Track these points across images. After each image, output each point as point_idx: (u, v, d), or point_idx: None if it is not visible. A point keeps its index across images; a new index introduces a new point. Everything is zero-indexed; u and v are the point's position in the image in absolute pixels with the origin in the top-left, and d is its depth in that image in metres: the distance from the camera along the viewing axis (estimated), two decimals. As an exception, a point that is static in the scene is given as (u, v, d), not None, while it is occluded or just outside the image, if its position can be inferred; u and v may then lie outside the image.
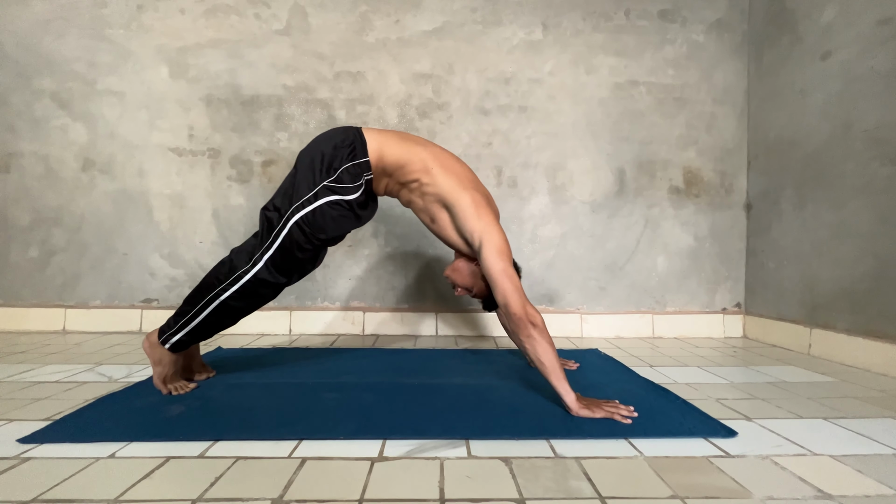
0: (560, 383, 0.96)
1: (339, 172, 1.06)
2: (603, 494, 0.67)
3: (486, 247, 1.04)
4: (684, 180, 1.95)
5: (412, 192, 1.15)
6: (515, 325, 0.99)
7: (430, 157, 1.12)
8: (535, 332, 0.97)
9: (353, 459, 0.77)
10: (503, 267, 1.02)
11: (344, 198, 1.07)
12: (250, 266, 1.07)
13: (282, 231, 1.06)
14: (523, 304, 0.99)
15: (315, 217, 1.05)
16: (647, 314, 1.93)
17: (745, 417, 0.99)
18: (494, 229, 1.07)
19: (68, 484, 0.68)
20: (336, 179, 1.06)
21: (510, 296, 0.99)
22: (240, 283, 1.06)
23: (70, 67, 1.84)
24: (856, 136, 1.46)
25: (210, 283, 1.08)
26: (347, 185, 1.07)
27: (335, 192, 1.06)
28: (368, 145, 1.09)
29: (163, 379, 1.08)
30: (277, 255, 1.06)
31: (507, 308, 0.99)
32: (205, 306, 1.07)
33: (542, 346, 0.96)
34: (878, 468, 0.76)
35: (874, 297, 1.40)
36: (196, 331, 1.08)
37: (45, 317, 1.82)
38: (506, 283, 1.00)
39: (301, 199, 1.05)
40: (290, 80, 1.88)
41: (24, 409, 0.98)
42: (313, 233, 1.06)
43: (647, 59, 1.93)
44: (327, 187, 1.06)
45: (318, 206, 1.05)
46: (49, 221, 1.84)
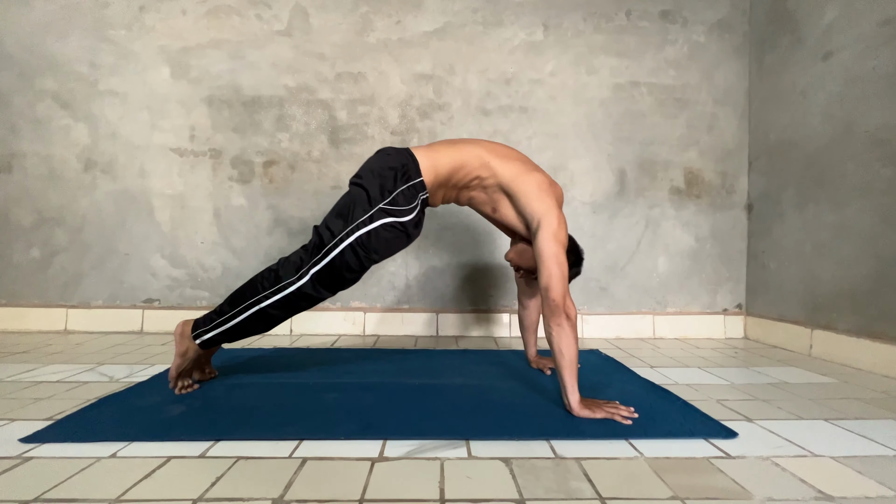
0: (571, 380, 0.96)
1: (394, 195, 1.07)
2: (603, 495, 0.67)
3: (543, 228, 1.05)
4: (685, 181, 1.95)
5: (473, 189, 1.16)
6: (550, 311, 0.98)
7: (484, 152, 1.13)
8: (566, 324, 0.97)
9: (354, 460, 0.77)
10: (556, 251, 1.02)
11: (399, 220, 1.07)
12: (296, 279, 1.07)
13: (333, 250, 1.06)
14: (564, 294, 0.99)
15: (370, 239, 1.06)
16: (647, 315, 1.93)
17: (745, 418, 0.98)
18: (555, 213, 1.06)
19: (70, 483, 0.68)
20: (391, 202, 1.07)
21: (555, 281, 0.99)
22: (282, 294, 1.07)
23: (72, 68, 1.84)
24: (857, 136, 1.46)
25: (254, 288, 1.08)
26: (403, 206, 1.07)
27: (391, 215, 1.07)
28: (421, 165, 1.10)
29: (179, 371, 1.09)
30: (325, 273, 1.07)
31: (548, 292, 0.99)
32: (244, 310, 1.07)
33: (568, 340, 0.97)
34: (879, 469, 0.76)
35: (875, 298, 1.39)
36: (229, 332, 1.09)
37: (46, 317, 1.83)
38: (553, 268, 1.00)
39: (356, 222, 1.06)
40: (291, 81, 1.88)
41: (26, 409, 0.98)
42: (367, 254, 1.07)
43: (648, 60, 1.93)
44: (383, 209, 1.06)
45: (374, 229, 1.05)
46: (51, 221, 1.85)
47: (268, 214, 1.88)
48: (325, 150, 1.89)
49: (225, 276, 1.87)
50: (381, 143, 1.90)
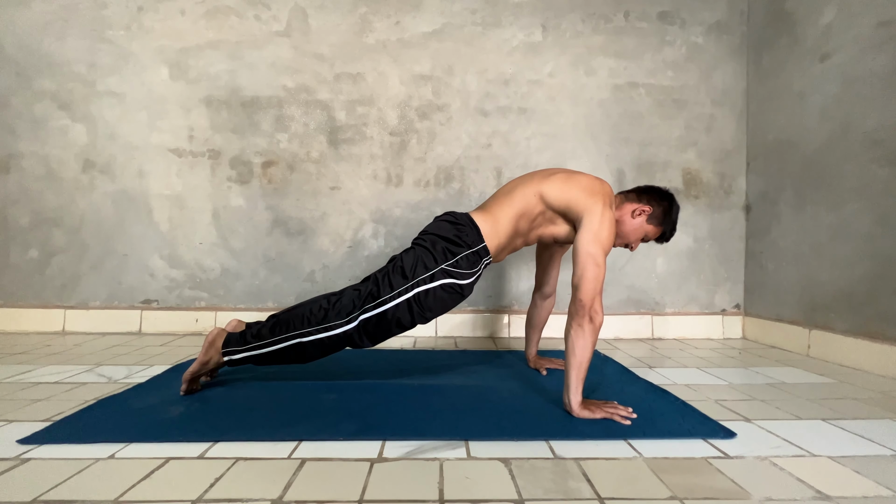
0: (577, 381, 0.96)
1: (457, 258, 1.08)
2: (602, 495, 0.67)
3: (584, 227, 1.04)
4: (683, 181, 1.95)
5: (538, 227, 1.16)
6: (576, 310, 0.98)
7: (532, 185, 1.13)
8: (588, 327, 0.97)
9: (353, 460, 0.77)
10: (594, 251, 1.00)
11: (458, 282, 1.08)
12: (345, 322, 1.06)
13: (389, 301, 1.05)
14: (594, 296, 0.98)
15: (427, 297, 1.06)
16: (646, 315, 1.93)
17: (744, 419, 0.99)
18: (598, 211, 1.05)
19: (68, 485, 0.68)
20: (454, 264, 1.08)
21: (587, 281, 0.98)
22: (326, 335, 1.06)
23: (70, 68, 1.84)
24: (855, 137, 1.46)
25: (299, 321, 1.06)
26: (464, 270, 1.08)
27: (451, 276, 1.07)
28: (482, 229, 1.11)
29: (195, 376, 1.08)
30: (374, 322, 1.06)
31: (577, 291, 0.98)
32: (283, 340, 1.06)
33: (586, 342, 0.96)
34: (876, 469, 0.76)
35: (873, 299, 1.40)
36: (260, 357, 1.08)
37: (44, 317, 1.82)
38: (590, 267, 0.99)
39: (418, 278, 1.06)
40: (290, 82, 1.88)
41: (24, 410, 0.98)
42: (421, 311, 1.07)
43: (646, 61, 1.94)
44: (445, 270, 1.07)
45: (433, 287, 1.06)
46: (49, 222, 1.84)
47: (266, 215, 1.88)
48: (323, 150, 1.89)
49: (223, 276, 1.87)
50: (381, 143, 1.90)
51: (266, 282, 1.88)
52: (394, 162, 1.90)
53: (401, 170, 1.90)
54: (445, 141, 1.91)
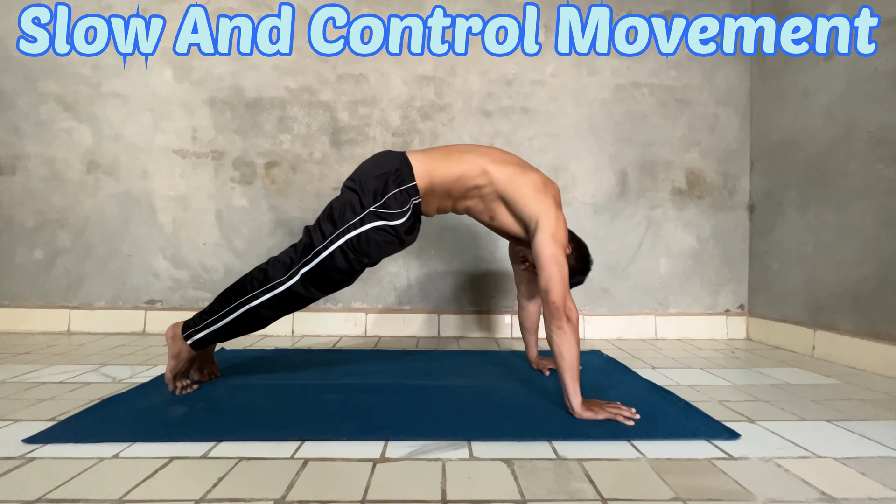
0: (573, 383, 0.96)
1: (386, 198, 1.07)
2: (605, 496, 0.67)
3: (541, 229, 1.04)
4: (687, 182, 1.95)
5: (470, 198, 1.15)
6: (550, 314, 0.97)
7: (483, 160, 1.12)
8: (567, 326, 0.96)
9: (356, 460, 0.77)
10: (554, 252, 1.01)
11: (390, 223, 1.07)
12: (286, 279, 1.07)
13: (324, 251, 1.06)
14: (565, 295, 0.97)
15: (360, 242, 1.06)
16: (649, 316, 1.93)
17: (748, 419, 0.98)
18: (552, 213, 1.05)
19: (72, 484, 0.68)
20: (383, 205, 1.06)
21: (555, 282, 0.98)
22: (272, 294, 1.07)
23: (75, 70, 1.85)
24: (859, 137, 1.45)
25: (243, 287, 1.08)
26: (394, 210, 1.07)
27: (382, 218, 1.06)
28: (415, 169, 1.10)
29: (174, 373, 1.09)
30: (314, 273, 1.07)
31: (548, 294, 0.98)
32: (234, 309, 1.08)
33: (569, 342, 0.96)
34: (882, 471, 0.76)
35: (878, 299, 1.39)
36: (220, 332, 1.09)
37: (49, 318, 1.83)
38: (553, 269, 0.99)
39: (347, 224, 1.06)
40: (292, 83, 1.89)
41: (29, 410, 0.98)
42: (357, 257, 1.07)
43: (649, 61, 1.93)
44: (374, 213, 1.06)
45: (364, 231, 1.06)
46: (54, 223, 1.86)
47: (269, 216, 1.89)
48: (326, 151, 1.89)
49: (227, 277, 1.87)
50: (383, 144, 1.90)
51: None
52: (396, 162, 1.90)
53: (403, 170, 1.90)
54: (448, 141, 1.91)
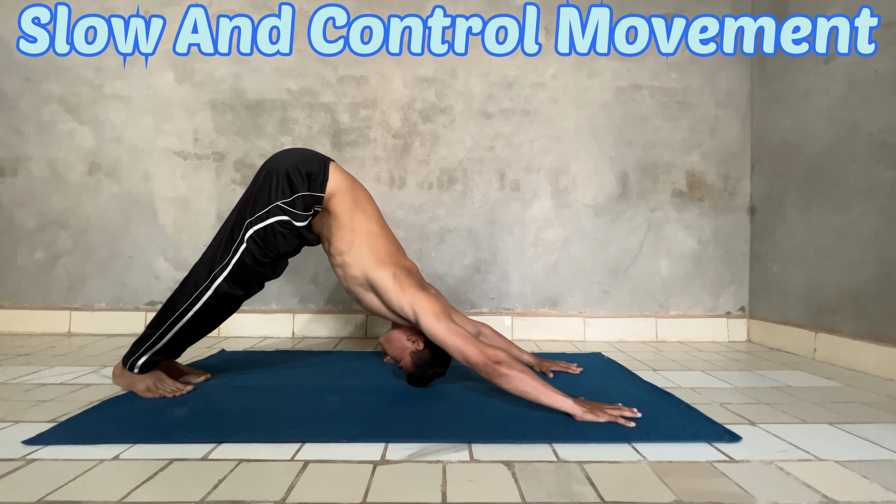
0: (552, 399, 0.95)
1: (294, 197, 1.08)
2: (606, 499, 0.67)
3: (421, 316, 1.04)
4: (687, 184, 1.95)
5: (336, 266, 1.16)
6: (484, 374, 0.98)
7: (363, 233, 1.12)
8: (504, 369, 0.96)
9: (356, 462, 0.77)
10: (446, 326, 1.02)
11: (293, 221, 1.09)
12: (210, 282, 1.07)
13: (240, 246, 1.07)
14: (481, 351, 0.98)
15: (267, 234, 1.07)
16: (650, 318, 1.92)
17: (749, 422, 0.98)
18: (421, 296, 1.06)
19: (72, 486, 0.68)
20: (290, 202, 1.08)
21: (465, 350, 0.99)
22: (203, 300, 1.07)
23: (77, 72, 1.86)
24: (860, 139, 1.45)
25: (172, 306, 1.08)
26: (299, 211, 1.09)
27: (286, 214, 1.08)
28: (329, 182, 1.11)
29: (150, 393, 1.07)
30: (237, 270, 1.08)
31: (468, 361, 0.99)
32: (169, 328, 1.08)
33: (518, 378, 0.96)
34: (884, 474, 0.75)
35: (880, 301, 1.39)
36: (163, 351, 1.09)
37: (50, 319, 1.84)
38: (456, 341, 1.00)
39: (256, 214, 1.07)
40: (294, 85, 1.89)
41: (29, 411, 0.98)
42: (266, 249, 1.08)
43: (649, 63, 1.94)
44: (280, 206, 1.07)
45: (270, 224, 1.07)
46: (55, 224, 1.86)
47: (270, 217, 1.89)
48: (327, 153, 1.89)
49: (227, 278, 1.87)
50: (384, 145, 1.90)
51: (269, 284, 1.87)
52: (397, 164, 1.90)
53: (404, 172, 1.90)
54: (449, 143, 1.91)
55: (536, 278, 1.92)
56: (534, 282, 1.91)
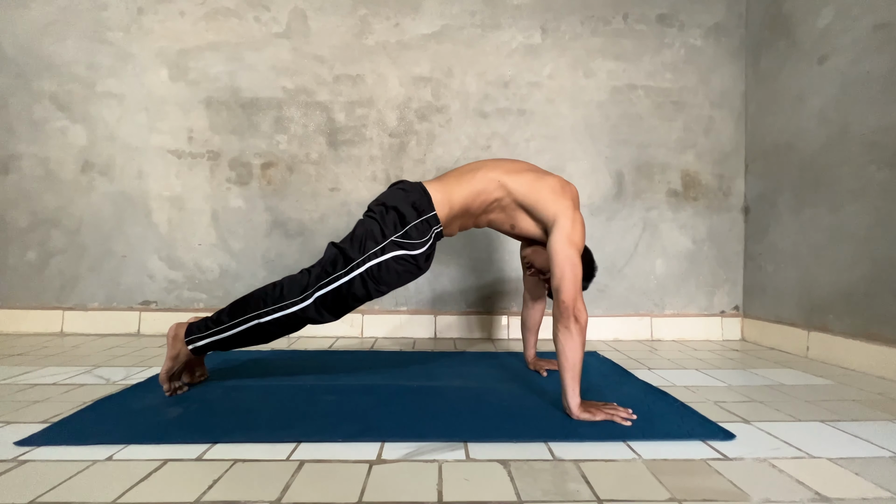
0: (573, 383, 0.96)
1: (407, 228, 1.07)
2: (601, 497, 0.67)
3: (557, 229, 1.04)
4: (682, 183, 1.96)
5: (492, 212, 1.16)
6: (560, 313, 0.98)
7: (497, 173, 1.13)
8: (574, 328, 0.97)
9: (352, 462, 0.77)
10: (569, 253, 1.01)
11: (411, 252, 1.07)
12: (300, 300, 1.06)
13: (342, 277, 1.06)
14: (575, 296, 0.98)
15: (381, 271, 1.06)
16: (645, 317, 1.93)
17: (743, 420, 0.99)
18: (570, 214, 1.06)
19: (66, 487, 0.68)
20: (404, 235, 1.07)
21: (567, 282, 0.98)
22: (283, 313, 1.06)
23: (70, 70, 1.84)
24: (852, 139, 1.47)
25: (255, 303, 1.08)
26: (415, 240, 1.07)
27: (402, 248, 1.07)
28: (434, 199, 1.10)
29: (170, 375, 1.08)
30: (330, 298, 1.07)
31: (559, 294, 0.98)
32: (241, 323, 1.07)
33: (575, 343, 0.96)
34: (875, 471, 0.76)
35: (871, 300, 1.40)
36: (222, 342, 1.09)
37: (42, 319, 1.82)
38: (567, 269, 1.00)
39: (368, 252, 1.06)
40: (289, 83, 1.88)
41: (22, 412, 0.97)
42: (376, 286, 1.07)
43: (645, 63, 1.94)
44: (395, 242, 1.06)
45: (385, 261, 1.06)
46: (48, 223, 1.84)
47: (266, 216, 1.88)
48: (323, 151, 1.89)
49: (222, 278, 1.87)
50: (380, 145, 1.90)
51: (265, 283, 1.87)
52: (393, 163, 1.90)
53: (400, 171, 1.90)
54: (445, 142, 1.91)
55: (532, 277, 1.92)
56: (530, 281, 1.92)
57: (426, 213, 1.09)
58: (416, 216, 1.08)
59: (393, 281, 1.09)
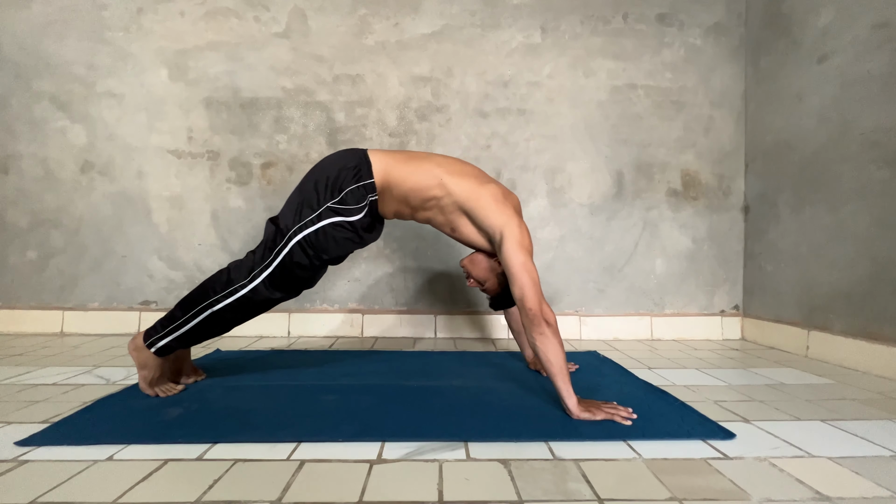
0: (565, 385, 0.96)
1: (343, 194, 1.07)
2: (601, 496, 0.67)
3: (507, 239, 1.04)
4: (682, 183, 1.96)
5: (429, 210, 1.15)
6: (529, 321, 0.98)
7: (441, 171, 1.12)
8: (547, 331, 0.97)
9: (352, 462, 0.77)
10: (523, 260, 1.01)
11: (347, 219, 1.07)
12: (248, 281, 1.07)
13: (283, 249, 1.06)
14: (539, 301, 0.98)
15: (318, 238, 1.06)
16: (645, 316, 1.93)
17: (743, 419, 0.99)
18: (515, 222, 1.06)
19: (66, 487, 0.68)
20: (340, 201, 1.06)
21: (528, 290, 0.98)
22: (235, 297, 1.06)
23: (69, 70, 1.84)
24: (852, 139, 1.47)
25: (205, 292, 1.07)
26: (351, 206, 1.07)
27: (339, 214, 1.06)
28: (374, 167, 1.10)
29: (149, 382, 1.07)
30: (277, 273, 1.07)
31: (523, 302, 0.98)
32: (196, 314, 1.06)
33: (553, 345, 0.96)
34: (875, 470, 0.76)
35: (871, 300, 1.40)
36: (184, 337, 1.08)
37: (42, 319, 1.82)
38: (524, 277, 0.99)
39: (304, 220, 1.06)
40: (289, 83, 1.88)
41: (22, 412, 0.97)
42: (316, 253, 1.07)
43: (645, 63, 1.94)
44: (331, 208, 1.06)
45: (322, 227, 1.06)
46: (47, 223, 1.84)
47: (266, 216, 1.88)
48: (323, 151, 1.89)
49: (222, 278, 1.86)
50: (380, 144, 1.90)
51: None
52: (393, 163, 1.90)
53: (400, 171, 1.90)
54: (444, 142, 1.91)
55: (532, 277, 1.92)
56: (530, 281, 1.92)
57: (363, 179, 1.08)
58: (353, 182, 1.07)
59: (332, 248, 1.08)
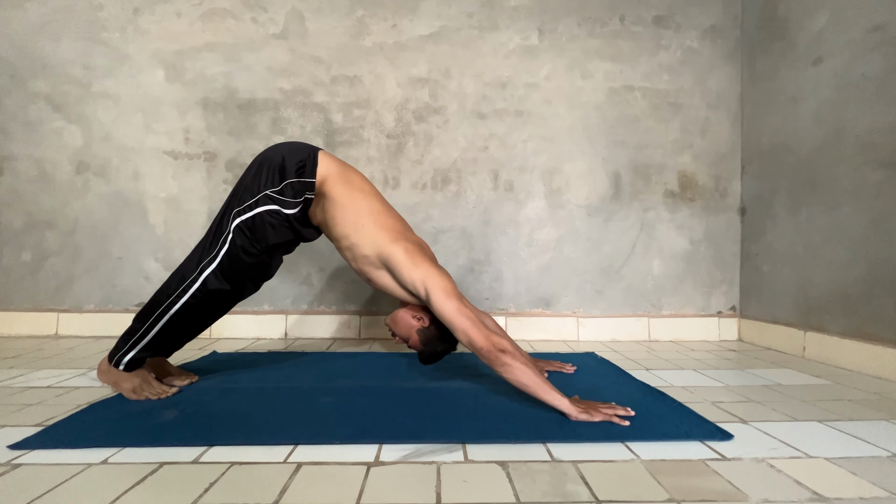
0: (550, 396, 0.95)
1: (283, 185, 1.08)
2: (600, 498, 0.67)
3: (432, 292, 1.04)
4: (679, 184, 1.96)
5: (344, 250, 1.16)
6: (487, 360, 0.98)
7: (365, 211, 1.12)
8: (507, 359, 0.96)
9: (349, 464, 0.77)
10: (456, 306, 1.02)
11: (283, 210, 1.08)
12: (198, 275, 1.06)
13: (228, 235, 1.07)
14: (487, 336, 0.98)
15: (255, 223, 1.06)
16: (642, 317, 1.94)
17: (740, 420, 0.99)
18: (434, 272, 1.07)
19: (60, 491, 0.67)
20: (279, 191, 1.07)
21: (471, 332, 0.99)
22: (189, 294, 1.05)
23: (65, 70, 1.83)
24: (848, 140, 1.48)
25: (160, 297, 1.07)
26: (288, 198, 1.08)
27: (275, 203, 1.07)
28: (319, 168, 1.11)
29: (132, 391, 1.05)
30: (226, 262, 1.06)
31: (473, 345, 0.99)
32: (155, 322, 1.06)
33: (520, 370, 0.96)
34: (872, 470, 0.76)
35: (867, 300, 1.41)
36: (149, 347, 1.07)
37: (37, 321, 1.80)
38: (463, 322, 1.00)
39: (244, 204, 1.07)
40: (286, 84, 1.88)
41: (16, 415, 0.96)
42: (253, 238, 1.07)
43: (642, 65, 1.95)
44: (269, 196, 1.07)
45: (258, 213, 1.06)
46: (42, 225, 1.83)
47: (263, 217, 1.87)
48: (320, 153, 1.88)
49: (219, 279, 1.85)
50: (377, 146, 1.90)
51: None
52: (391, 164, 1.90)
53: (398, 172, 1.90)
54: (442, 143, 1.91)
55: (530, 278, 1.92)
56: (527, 282, 1.92)
57: (305, 176, 1.09)
58: (295, 175, 1.08)
59: (269, 237, 1.08)
